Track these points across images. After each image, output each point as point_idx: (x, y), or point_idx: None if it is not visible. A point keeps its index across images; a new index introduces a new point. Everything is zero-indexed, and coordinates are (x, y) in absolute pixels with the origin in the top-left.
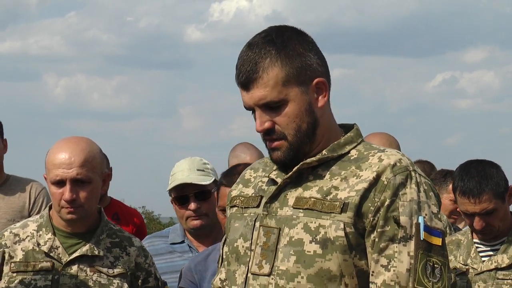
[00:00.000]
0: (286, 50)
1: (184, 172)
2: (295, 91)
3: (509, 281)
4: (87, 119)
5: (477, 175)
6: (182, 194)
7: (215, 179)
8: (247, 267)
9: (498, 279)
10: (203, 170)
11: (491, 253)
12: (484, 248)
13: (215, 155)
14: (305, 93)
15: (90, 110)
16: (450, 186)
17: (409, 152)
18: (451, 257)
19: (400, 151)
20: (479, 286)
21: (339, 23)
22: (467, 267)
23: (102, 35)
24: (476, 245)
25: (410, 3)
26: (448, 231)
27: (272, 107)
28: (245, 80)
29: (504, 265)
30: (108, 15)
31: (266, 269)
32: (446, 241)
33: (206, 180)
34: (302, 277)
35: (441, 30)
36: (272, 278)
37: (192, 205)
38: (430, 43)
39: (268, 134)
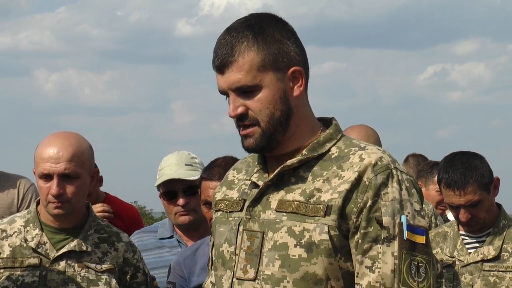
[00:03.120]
0: (264, 36)
1: (172, 167)
2: (270, 77)
3: (495, 272)
4: (79, 114)
5: (461, 166)
6: (171, 189)
7: None
8: (232, 272)
9: (484, 270)
10: (191, 165)
11: (477, 245)
12: (470, 240)
13: (208, 150)
14: (280, 80)
15: (82, 105)
16: (436, 177)
17: (402, 145)
18: (437, 249)
19: (380, 143)
20: (465, 278)
21: (330, 16)
22: (453, 259)
23: (92, 30)
24: (462, 237)
25: None
26: (433, 220)
27: (246, 91)
28: (221, 64)
29: (490, 256)
30: (99, 9)
31: (251, 273)
32: (432, 233)
33: (194, 175)
34: (288, 282)
35: (432, 22)
36: (258, 283)
37: (181, 201)
38: (421, 35)
39: (241, 120)
